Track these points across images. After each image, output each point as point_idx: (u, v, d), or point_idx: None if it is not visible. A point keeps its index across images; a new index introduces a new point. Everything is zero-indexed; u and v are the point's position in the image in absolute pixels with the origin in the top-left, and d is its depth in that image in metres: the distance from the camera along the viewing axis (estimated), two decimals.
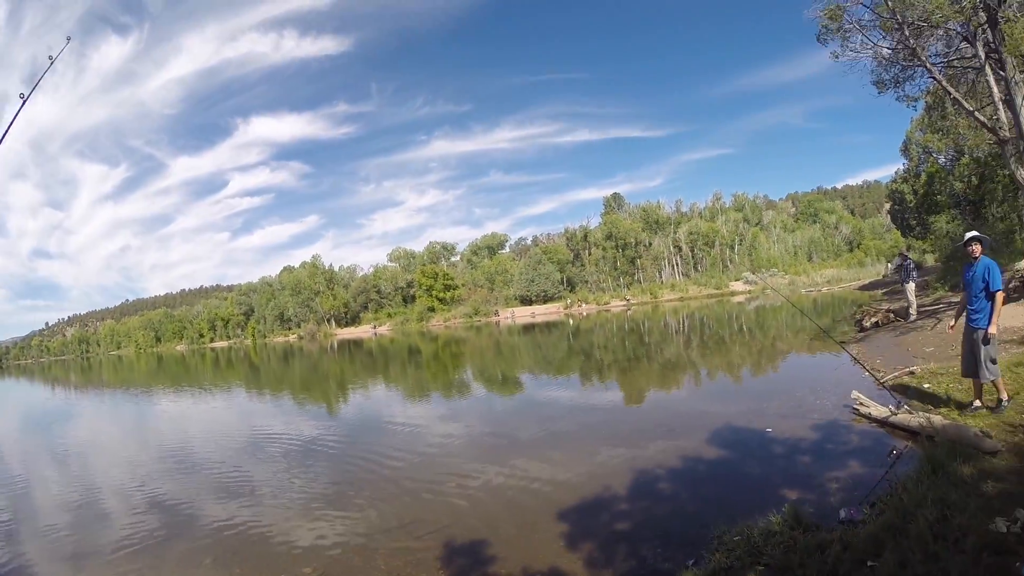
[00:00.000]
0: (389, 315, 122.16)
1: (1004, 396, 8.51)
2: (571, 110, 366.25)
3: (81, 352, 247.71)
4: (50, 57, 5.01)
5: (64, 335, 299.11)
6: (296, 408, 24.82)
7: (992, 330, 8.31)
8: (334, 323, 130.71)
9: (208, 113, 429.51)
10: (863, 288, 50.67)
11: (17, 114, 4.54)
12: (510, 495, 9.47)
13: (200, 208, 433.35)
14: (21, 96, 4.58)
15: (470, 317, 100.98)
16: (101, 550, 9.38)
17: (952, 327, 9.47)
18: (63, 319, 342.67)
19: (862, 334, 20.01)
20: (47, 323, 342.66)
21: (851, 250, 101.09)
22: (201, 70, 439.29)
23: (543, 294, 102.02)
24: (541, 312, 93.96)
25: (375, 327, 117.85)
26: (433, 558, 7.38)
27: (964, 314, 8.98)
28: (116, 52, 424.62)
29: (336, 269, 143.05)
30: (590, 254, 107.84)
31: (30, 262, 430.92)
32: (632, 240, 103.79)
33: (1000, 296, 8.31)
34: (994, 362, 8.43)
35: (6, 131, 4.46)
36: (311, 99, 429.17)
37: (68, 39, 4.96)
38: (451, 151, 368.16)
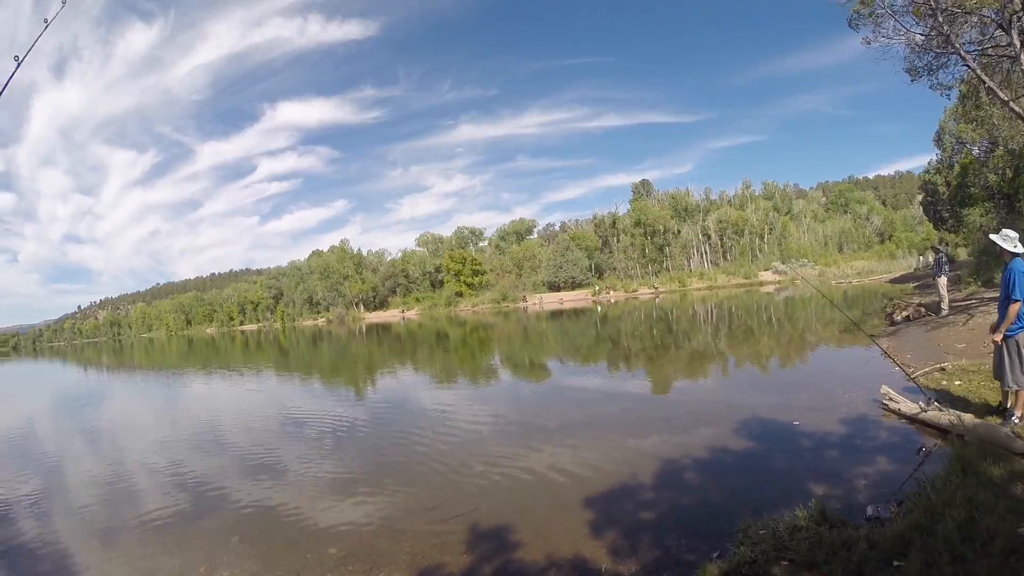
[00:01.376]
0: (417, 299, 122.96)
1: (1018, 412, 8.12)
2: (598, 95, 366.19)
3: (113, 335, 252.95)
4: (45, 20, 5.15)
5: (96, 318, 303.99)
6: (325, 391, 25.09)
7: (996, 338, 8.08)
8: (362, 307, 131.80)
9: (235, 99, 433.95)
10: (894, 281, 49.99)
11: (11, 76, 4.61)
12: (536, 481, 9.48)
13: (229, 193, 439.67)
14: (16, 59, 4.65)
15: (498, 302, 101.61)
16: (130, 526, 9.58)
17: (995, 329, 9.03)
18: (95, 302, 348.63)
19: (892, 328, 19.76)
20: (79, 306, 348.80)
21: (882, 242, 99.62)
22: (227, 56, 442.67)
23: (571, 280, 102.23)
24: (569, 299, 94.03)
25: (403, 311, 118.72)
26: (458, 542, 7.42)
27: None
28: (141, 39, 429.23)
29: (364, 253, 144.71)
30: (619, 241, 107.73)
31: (61, 247, 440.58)
32: (661, 227, 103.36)
33: (1015, 307, 7.88)
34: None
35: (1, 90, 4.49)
36: (338, 84, 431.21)
37: (63, 2, 4.99)
38: (478, 136, 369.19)
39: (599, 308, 66.29)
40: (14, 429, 21.66)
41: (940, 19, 17.95)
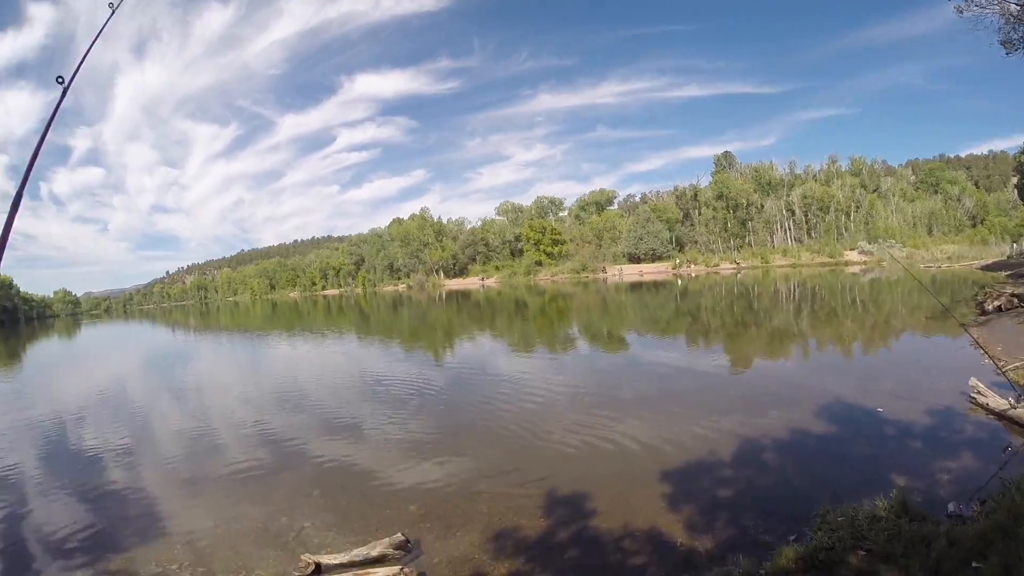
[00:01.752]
0: (497, 268, 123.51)
1: None
2: (679, 64, 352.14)
3: (200, 298, 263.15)
4: None
5: (183, 282, 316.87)
6: (405, 354, 25.75)
7: None
8: (442, 274, 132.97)
9: (312, 72, 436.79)
10: (985, 268, 47.63)
11: (105, 24, 4.63)
12: (613, 452, 9.57)
13: (309, 163, 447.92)
14: (110, 5, 4.67)
15: (577, 273, 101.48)
16: (215, 476, 10.16)
17: None
18: (182, 268, 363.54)
19: (983, 317, 18.94)
20: (167, 271, 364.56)
21: (974, 226, 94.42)
22: (303, 31, 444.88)
23: (651, 253, 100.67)
24: (649, 271, 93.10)
25: (483, 279, 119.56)
26: (535, 506, 7.60)
27: None
28: (218, 19, 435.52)
29: (444, 222, 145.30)
30: (700, 214, 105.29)
31: (149, 216, 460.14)
32: (744, 201, 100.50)
33: None
34: None
35: (89, 48, 4.51)
36: (413, 55, 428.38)
37: None
38: (557, 105, 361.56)
39: (679, 282, 65.57)
40: (108, 384, 23.13)
41: None
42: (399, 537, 6.73)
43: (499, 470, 9.10)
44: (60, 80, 3.74)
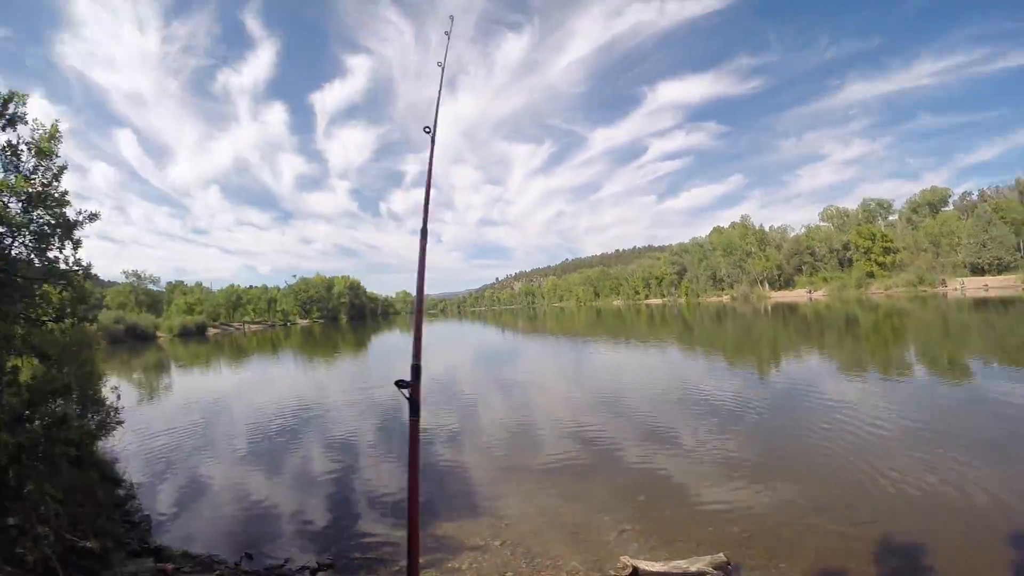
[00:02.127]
0: (824, 279, 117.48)
1: None
2: (996, 28, 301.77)
3: (527, 303, 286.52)
4: (446, 34, 5.12)
5: (512, 288, 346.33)
6: (726, 369, 25.83)
7: None
8: (767, 285, 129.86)
9: (615, 85, 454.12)
10: None
11: (441, 81, 4.77)
12: (956, 501, 8.80)
13: (624, 174, 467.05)
14: (439, 64, 4.77)
15: (913, 286, 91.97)
16: (537, 467, 11.43)
17: None
18: (510, 275, 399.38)
19: None
20: (496, 278, 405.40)
21: None
22: (598, 48, 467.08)
23: (997, 263, 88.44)
24: (995, 285, 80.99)
25: (810, 291, 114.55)
26: (867, 551, 7.24)
27: None
28: (515, 47, 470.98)
29: (767, 229, 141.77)
30: None
31: (477, 229, 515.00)
32: None
33: None
34: None
35: (438, 98, 4.63)
36: (709, 57, 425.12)
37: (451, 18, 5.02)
38: (868, 94, 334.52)
39: None
40: (440, 372, 27.05)
41: None
42: (721, 557, 6.87)
43: (831, 504, 8.84)
44: (427, 130, 4.30)
